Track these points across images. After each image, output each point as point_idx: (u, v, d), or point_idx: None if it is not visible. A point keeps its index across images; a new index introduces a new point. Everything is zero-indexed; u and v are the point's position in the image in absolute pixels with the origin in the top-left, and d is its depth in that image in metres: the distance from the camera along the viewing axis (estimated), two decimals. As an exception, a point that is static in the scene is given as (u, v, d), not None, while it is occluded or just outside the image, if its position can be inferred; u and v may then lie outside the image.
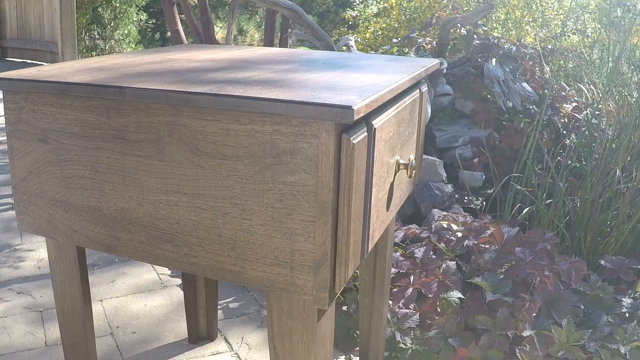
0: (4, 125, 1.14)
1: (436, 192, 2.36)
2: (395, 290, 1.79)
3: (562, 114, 2.81)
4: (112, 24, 7.11)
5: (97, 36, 7.14)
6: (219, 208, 0.95)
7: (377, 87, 0.97)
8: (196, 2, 3.65)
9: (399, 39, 3.43)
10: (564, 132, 2.76)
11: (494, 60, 2.86)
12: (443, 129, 2.79)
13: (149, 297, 2.04)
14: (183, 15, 3.98)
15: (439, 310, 1.74)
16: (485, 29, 3.32)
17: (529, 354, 1.53)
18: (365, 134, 0.91)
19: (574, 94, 2.92)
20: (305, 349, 0.97)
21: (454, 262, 1.85)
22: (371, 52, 4.22)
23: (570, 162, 2.45)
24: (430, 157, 2.47)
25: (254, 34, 9.68)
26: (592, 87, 2.97)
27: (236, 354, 1.74)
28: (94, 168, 1.04)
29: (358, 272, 1.68)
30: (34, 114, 1.08)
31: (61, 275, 1.22)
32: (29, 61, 7.22)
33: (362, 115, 0.85)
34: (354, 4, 8.48)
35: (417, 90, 1.29)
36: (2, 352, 1.69)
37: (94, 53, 7.07)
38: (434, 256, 1.89)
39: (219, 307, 1.96)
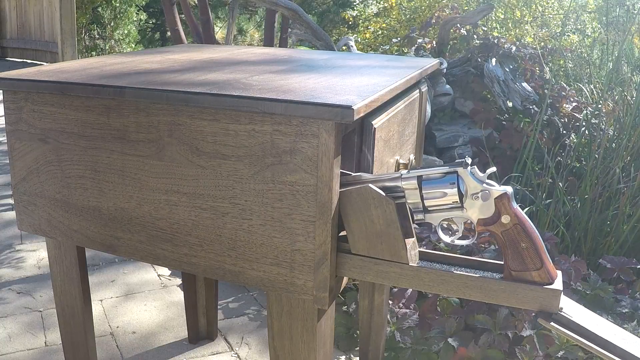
0: (4, 126, 1.14)
1: (436, 192, 2.36)
2: (395, 290, 1.79)
3: (562, 114, 2.80)
4: (112, 24, 7.11)
5: (97, 36, 7.13)
6: (218, 208, 0.95)
7: (376, 87, 0.97)
8: (196, 2, 3.65)
9: (399, 39, 3.43)
10: (564, 132, 2.75)
11: (494, 60, 2.86)
12: (443, 129, 2.79)
13: (149, 297, 2.04)
14: (183, 15, 3.98)
15: (438, 310, 1.74)
16: (485, 29, 3.32)
17: (529, 354, 1.53)
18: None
19: (574, 93, 2.92)
20: (305, 349, 0.97)
21: (453, 262, 1.84)
22: (371, 52, 4.22)
23: (570, 161, 2.45)
24: (430, 157, 2.47)
25: (253, 33, 9.67)
26: (592, 87, 2.97)
27: (236, 354, 1.74)
28: (94, 168, 1.04)
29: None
30: (33, 114, 1.08)
31: (61, 275, 1.22)
32: (29, 61, 7.22)
33: (362, 115, 0.85)
34: (354, 4, 8.47)
35: (417, 90, 1.29)
36: (2, 352, 1.69)
37: (94, 53, 7.07)
38: (433, 256, 1.89)
39: (219, 307, 1.96)
